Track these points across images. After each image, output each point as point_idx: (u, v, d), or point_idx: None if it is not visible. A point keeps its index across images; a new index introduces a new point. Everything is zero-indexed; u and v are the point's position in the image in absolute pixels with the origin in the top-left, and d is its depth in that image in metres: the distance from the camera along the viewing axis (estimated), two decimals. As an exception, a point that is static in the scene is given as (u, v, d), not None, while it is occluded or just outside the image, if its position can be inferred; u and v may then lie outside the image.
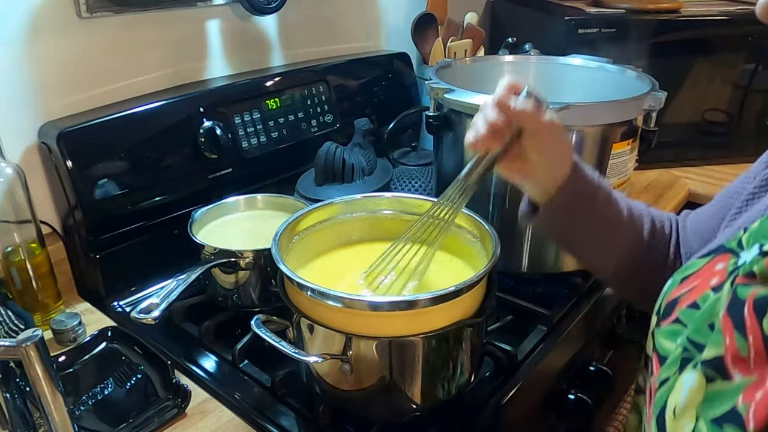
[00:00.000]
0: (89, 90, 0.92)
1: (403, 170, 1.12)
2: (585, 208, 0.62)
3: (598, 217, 0.63)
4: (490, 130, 0.57)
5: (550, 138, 0.59)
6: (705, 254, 0.51)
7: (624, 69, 0.97)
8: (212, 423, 0.68)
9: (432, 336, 0.61)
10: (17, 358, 0.48)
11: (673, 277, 0.52)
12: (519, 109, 0.56)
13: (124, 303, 0.90)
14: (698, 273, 0.49)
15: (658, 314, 0.51)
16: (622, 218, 0.63)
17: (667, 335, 0.49)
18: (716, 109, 1.36)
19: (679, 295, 0.49)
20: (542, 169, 0.61)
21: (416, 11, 1.32)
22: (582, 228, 0.64)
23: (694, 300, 0.47)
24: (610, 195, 0.63)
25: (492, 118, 0.57)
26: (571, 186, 0.61)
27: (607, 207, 0.63)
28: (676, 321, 0.48)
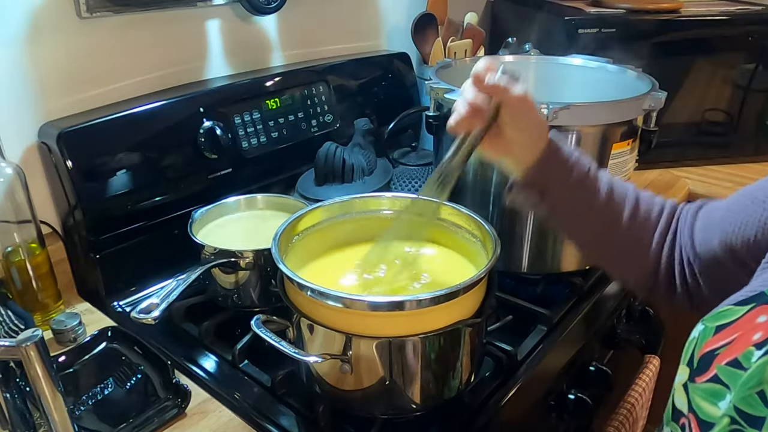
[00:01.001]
0: (89, 90, 0.92)
1: (403, 170, 1.12)
2: (557, 185, 0.64)
3: (571, 195, 0.64)
4: (470, 109, 0.59)
5: (525, 112, 0.61)
6: (742, 301, 0.48)
7: (624, 69, 0.97)
8: (212, 423, 0.68)
9: (432, 336, 0.61)
10: (17, 358, 0.48)
11: (704, 323, 0.49)
12: (493, 83, 0.58)
13: (124, 303, 0.90)
14: (737, 324, 0.46)
15: (690, 365, 0.48)
16: (598, 198, 0.64)
17: (706, 395, 0.45)
18: (716, 109, 1.36)
19: (716, 347, 0.46)
20: (519, 145, 0.63)
21: (416, 11, 1.32)
22: (555, 204, 0.65)
23: (735, 357, 0.43)
24: (587, 174, 0.64)
25: (471, 97, 0.59)
26: (544, 161, 0.63)
27: (582, 185, 0.64)
28: (716, 380, 0.44)
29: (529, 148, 0.63)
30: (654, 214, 0.65)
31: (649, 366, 0.96)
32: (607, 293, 0.94)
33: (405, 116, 1.12)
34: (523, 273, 0.93)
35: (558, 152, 0.63)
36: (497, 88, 0.58)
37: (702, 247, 0.60)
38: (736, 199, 0.59)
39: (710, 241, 0.59)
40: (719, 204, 0.62)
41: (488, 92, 0.59)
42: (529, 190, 0.65)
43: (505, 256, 0.88)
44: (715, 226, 0.59)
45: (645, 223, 0.65)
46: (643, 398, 0.92)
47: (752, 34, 1.27)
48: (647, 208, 0.65)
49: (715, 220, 0.60)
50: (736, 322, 0.46)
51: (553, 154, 0.63)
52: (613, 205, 0.64)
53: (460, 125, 0.61)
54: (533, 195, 0.65)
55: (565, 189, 0.64)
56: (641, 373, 0.95)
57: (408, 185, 1.09)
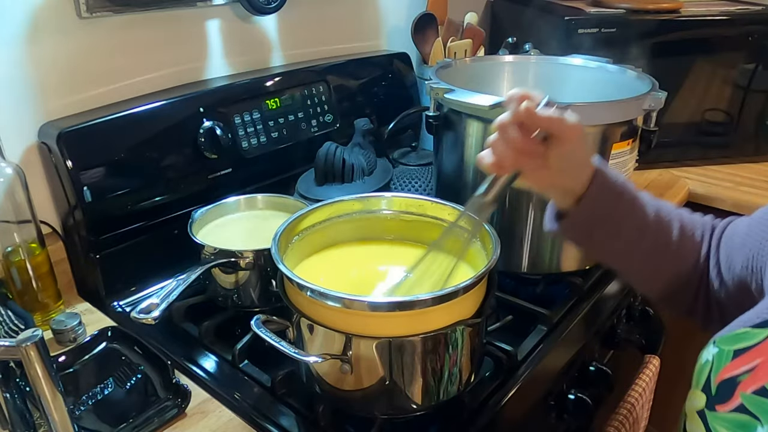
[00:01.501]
0: (89, 90, 0.92)
1: (403, 170, 1.12)
2: (608, 213, 0.59)
3: (622, 222, 0.60)
4: (517, 152, 0.53)
5: (579, 143, 0.55)
6: (759, 324, 0.45)
7: (624, 69, 0.97)
8: (212, 423, 0.68)
9: (432, 336, 0.61)
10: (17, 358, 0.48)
11: (719, 346, 0.47)
12: (548, 116, 0.52)
13: (124, 303, 0.90)
14: (759, 348, 0.44)
15: (707, 391, 0.46)
16: (648, 223, 0.60)
17: (732, 427, 0.43)
18: (716, 109, 1.36)
19: (737, 374, 0.44)
20: (566, 176, 0.58)
21: (416, 11, 1.32)
22: (606, 233, 0.60)
23: (762, 385, 0.41)
24: (635, 198, 0.60)
25: (515, 137, 0.53)
26: (595, 191, 0.58)
27: (632, 211, 0.60)
28: (742, 410, 0.42)
29: (577, 179, 0.58)
30: (698, 234, 0.62)
31: (649, 366, 0.96)
32: (607, 293, 0.94)
33: (405, 116, 1.12)
34: (523, 273, 0.93)
35: (606, 180, 0.58)
36: (553, 120, 0.52)
37: (727, 272, 0.58)
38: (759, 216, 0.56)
39: (734, 266, 0.57)
40: (740, 226, 0.59)
41: (543, 125, 0.53)
42: (579, 225, 0.60)
43: (505, 256, 0.88)
44: (737, 251, 0.57)
45: (692, 243, 0.62)
46: (643, 398, 0.92)
47: (752, 34, 1.27)
48: (692, 228, 0.62)
49: (737, 245, 0.57)
50: (758, 346, 0.44)
51: (602, 183, 0.58)
52: (662, 228, 0.61)
53: (506, 168, 0.55)
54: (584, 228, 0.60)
55: (617, 217, 0.59)
56: (641, 373, 0.95)
57: (408, 185, 1.09)
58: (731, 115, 1.36)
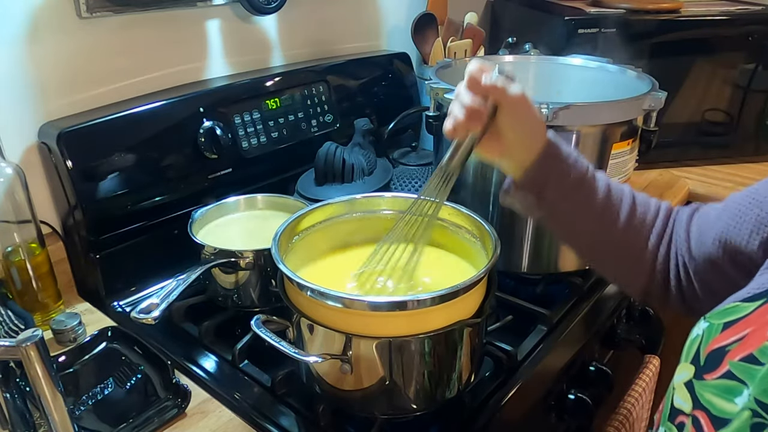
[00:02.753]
0: (89, 90, 0.92)
1: (403, 170, 1.12)
2: (556, 185, 0.63)
3: (569, 195, 0.63)
4: (468, 113, 0.58)
5: (524, 112, 0.60)
6: (749, 298, 0.47)
7: (624, 69, 0.97)
8: (212, 423, 0.68)
9: (432, 336, 0.61)
10: (17, 358, 0.48)
11: (708, 320, 0.48)
12: (491, 84, 0.57)
13: (124, 303, 0.90)
14: (747, 319, 0.45)
15: (695, 363, 0.47)
16: (596, 199, 0.63)
17: (719, 392, 0.44)
18: (716, 109, 1.36)
19: (726, 344, 0.45)
20: (518, 145, 0.62)
21: (416, 11, 1.32)
22: (552, 205, 0.64)
23: (750, 352, 0.42)
24: (585, 174, 0.63)
25: (467, 101, 0.58)
26: (543, 162, 0.62)
27: (580, 186, 0.63)
28: (729, 376, 0.43)
29: (527, 148, 0.62)
30: (650, 216, 0.65)
31: (649, 366, 0.96)
32: (607, 293, 0.94)
33: (405, 116, 1.12)
34: (523, 273, 0.93)
35: (557, 152, 0.62)
36: (495, 88, 0.58)
37: (697, 248, 0.60)
38: (733, 199, 0.58)
39: (705, 241, 0.59)
40: (714, 205, 0.62)
41: (485, 93, 0.58)
42: (526, 192, 0.64)
43: (505, 256, 0.88)
44: (710, 226, 0.59)
45: (642, 224, 0.64)
46: (643, 398, 0.92)
47: (752, 34, 1.27)
48: (644, 209, 0.65)
49: (711, 219, 0.60)
50: (746, 317, 0.45)
51: (551, 154, 0.62)
52: (610, 206, 0.63)
53: (458, 129, 0.60)
54: (529, 196, 0.64)
55: (564, 189, 0.63)
56: (641, 373, 0.95)
57: (408, 185, 1.09)
58: (731, 115, 1.36)
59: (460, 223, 0.75)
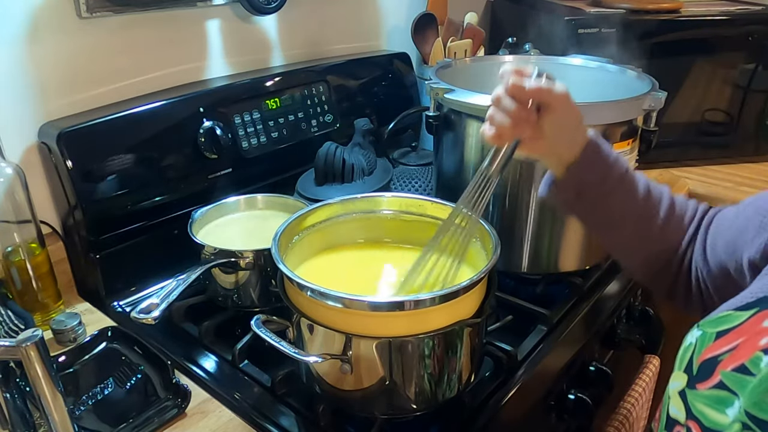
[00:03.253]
0: (89, 90, 0.92)
1: (403, 170, 1.12)
2: (597, 183, 0.62)
3: (611, 193, 0.62)
4: (515, 120, 0.57)
5: (568, 110, 0.59)
6: (743, 306, 0.47)
7: (624, 69, 0.97)
8: (212, 423, 0.68)
9: (432, 336, 0.61)
10: (17, 358, 0.48)
11: (702, 328, 0.48)
12: (537, 87, 0.57)
13: (124, 303, 0.90)
14: (740, 329, 0.45)
15: (689, 372, 0.47)
16: (636, 198, 0.62)
17: (710, 402, 0.44)
18: (716, 109, 1.36)
19: (719, 353, 0.45)
20: (560, 143, 0.61)
21: (416, 11, 1.32)
22: (592, 204, 0.63)
23: (742, 362, 0.42)
24: (626, 172, 0.63)
25: (510, 107, 0.57)
26: (586, 159, 0.61)
27: (621, 184, 0.62)
28: (721, 386, 0.43)
29: (569, 146, 0.61)
30: (687, 217, 0.64)
31: (649, 366, 0.96)
32: (607, 293, 0.94)
33: (405, 116, 1.12)
34: (523, 273, 0.93)
35: (598, 150, 0.62)
36: (541, 91, 0.57)
37: (711, 254, 0.60)
38: (746, 206, 0.58)
39: (717, 248, 0.59)
40: (730, 210, 0.61)
41: (532, 97, 0.57)
42: (567, 190, 0.63)
43: (505, 256, 0.88)
44: (723, 232, 0.59)
45: (679, 224, 0.64)
46: (643, 398, 0.92)
47: (752, 34, 1.27)
48: (681, 210, 0.64)
49: (724, 226, 0.59)
50: (739, 327, 0.45)
51: (593, 153, 0.62)
52: (649, 206, 0.63)
53: (505, 137, 0.59)
54: (570, 194, 0.64)
55: (605, 188, 0.62)
56: (641, 373, 0.95)
57: (408, 185, 1.09)
58: (731, 115, 1.36)
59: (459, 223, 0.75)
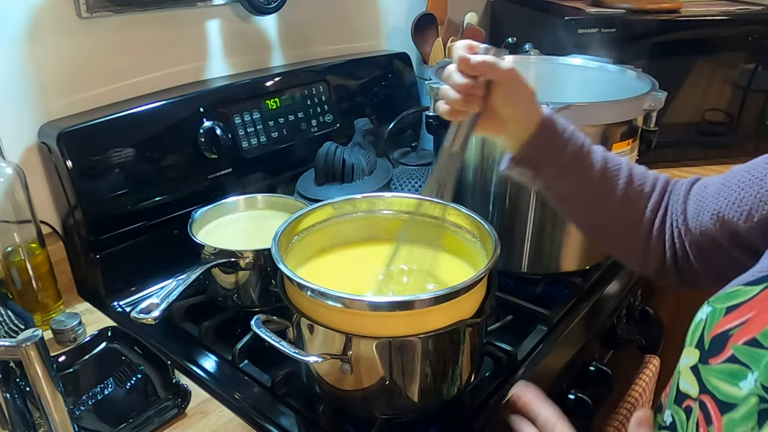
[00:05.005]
0: (89, 90, 0.92)
1: (403, 170, 1.12)
2: (551, 161, 0.63)
3: (565, 171, 0.64)
4: (463, 93, 0.58)
5: (516, 87, 0.60)
6: (752, 281, 0.47)
7: (624, 69, 0.97)
8: (212, 423, 0.68)
9: (432, 336, 0.61)
10: (17, 358, 0.48)
11: (712, 304, 0.48)
12: (482, 61, 0.57)
13: (124, 303, 0.90)
14: (750, 303, 0.45)
15: (700, 347, 0.47)
16: (592, 171, 0.63)
17: (724, 376, 0.44)
18: (716, 109, 1.36)
19: (730, 328, 0.45)
20: (513, 121, 0.62)
21: (416, 11, 1.32)
22: (549, 180, 0.64)
23: (753, 336, 0.43)
24: (581, 148, 0.63)
25: (461, 81, 0.58)
26: (538, 136, 0.62)
27: (578, 159, 0.63)
28: (734, 360, 0.44)
29: (523, 124, 0.62)
30: (647, 187, 0.65)
31: (649, 366, 0.96)
32: (607, 293, 0.94)
33: (405, 116, 1.12)
34: (523, 273, 0.93)
35: (552, 127, 0.63)
36: (486, 64, 0.58)
37: (694, 220, 0.60)
38: (733, 174, 0.58)
39: (702, 215, 0.59)
40: (714, 179, 0.61)
41: (478, 72, 0.58)
42: (523, 167, 0.65)
43: (505, 256, 0.88)
44: (708, 200, 0.59)
45: (639, 195, 0.65)
46: (643, 398, 0.92)
47: (752, 34, 1.27)
48: (641, 181, 0.65)
49: (710, 193, 0.59)
50: (750, 301, 0.45)
51: (546, 130, 0.62)
52: (607, 178, 0.64)
53: (456, 111, 0.60)
54: (527, 170, 0.65)
55: (560, 164, 0.63)
56: (641, 373, 0.95)
57: (408, 185, 1.09)
58: (731, 115, 1.36)
59: (460, 223, 0.75)
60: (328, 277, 0.72)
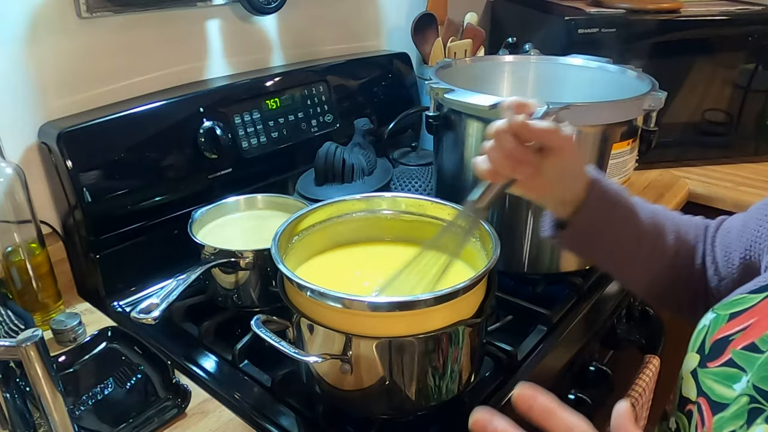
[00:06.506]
0: (89, 90, 0.92)
1: (403, 170, 1.12)
2: (607, 223, 0.60)
3: (621, 231, 0.61)
4: (515, 161, 0.53)
5: (573, 155, 0.56)
6: (756, 290, 0.48)
7: (624, 69, 0.97)
8: (212, 423, 0.68)
9: (432, 336, 0.60)
10: (17, 358, 0.48)
11: (716, 312, 0.49)
12: (543, 128, 0.53)
13: (124, 303, 0.90)
14: (753, 310, 0.46)
15: (701, 352, 0.48)
16: (645, 230, 0.61)
17: (719, 378, 0.45)
18: (716, 109, 1.36)
19: (731, 333, 0.46)
20: (561, 186, 0.59)
21: (416, 11, 1.32)
22: (606, 243, 0.62)
23: (752, 341, 0.44)
24: (631, 206, 0.61)
25: (510, 146, 0.53)
26: (592, 202, 0.59)
27: (629, 219, 0.61)
28: (730, 363, 0.45)
29: (570, 188, 0.59)
30: (692, 235, 0.64)
31: (649, 366, 0.96)
32: (607, 293, 0.94)
33: (405, 116, 1.12)
34: (523, 273, 0.93)
35: (603, 188, 0.59)
36: (548, 132, 0.53)
37: (725, 268, 0.59)
38: (754, 212, 0.57)
39: (731, 260, 0.58)
40: (735, 220, 0.60)
41: (538, 138, 0.53)
42: (580, 233, 0.61)
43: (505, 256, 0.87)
44: (734, 244, 0.58)
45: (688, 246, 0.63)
46: (643, 398, 0.92)
47: (752, 34, 1.27)
48: (686, 230, 0.64)
49: (734, 236, 0.59)
50: (752, 309, 0.46)
51: (599, 191, 0.59)
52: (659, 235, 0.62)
53: (500, 176, 0.54)
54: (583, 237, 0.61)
55: (616, 225, 0.60)
56: (641, 373, 0.95)
57: (408, 185, 1.09)
58: (731, 115, 1.36)
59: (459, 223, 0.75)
60: (328, 277, 0.72)
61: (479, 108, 0.81)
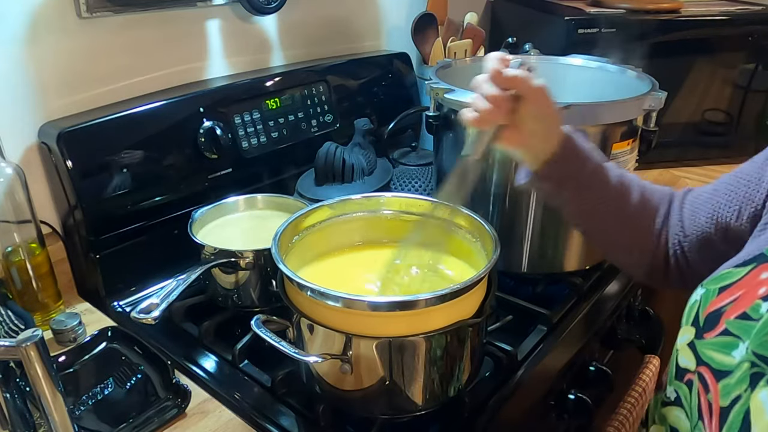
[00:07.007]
0: (89, 90, 0.92)
1: (403, 170, 1.12)
2: (573, 176, 0.65)
3: (588, 185, 0.65)
4: (492, 104, 0.59)
5: (545, 103, 0.61)
6: (742, 263, 0.51)
7: (624, 69, 0.97)
8: (212, 423, 0.68)
9: (432, 336, 0.61)
10: (17, 358, 0.48)
11: (705, 287, 0.53)
12: (514, 75, 0.58)
13: (124, 303, 0.90)
14: (740, 283, 0.50)
15: (696, 325, 0.51)
16: (609, 187, 0.65)
17: (718, 348, 0.48)
18: (716, 109, 1.36)
19: (722, 305, 0.49)
20: (537, 136, 0.63)
21: (416, 11, 1.32)
22: (570, 194, 0.66)
23: (744, 311, 0.47)
24: (599, 165, 0.65)
25: (490, 92, 0.59)
26: (562, 154, 0.63)
27: (595, 176, 0.65)
28: (726, 333, 0.48)
29: (546, 140, 0.63)
30: (656, 199, 0.68)
31: (649, 366, 0.96)
32: (607, 293, 0.94)
33: (405, 116, 1.12)
34: (523, 273, 0.93)
35: (575, 145, 0.64)
36: (518, 79, 0.58)
37: (691, 225, 0.64)
38: (723, 180, 0.63)
39: (698, 219, 0.63)
40: (706, 187, 0.65)
41: (508, 84, 0.59)
42: (546, 182, 0.66)
43: (505, 256, 0.88)
44: (703, 205, 0.63)
45: (650, 206, 0.67)
46: (643, 398, 0.92)
47: (752, 34, 1.27)
48: (651, 194, 0.68)
49: (703, 200, 0.64)
50: (739, 281, 0.50)
51: (570, 147, 0.64)
52: (623, 193, 0.66)
53: (484, 120, 0.60)
54: (550, 186, 0.66)
55: (582, 179, 0.65)
56: (641, 373, 0.95)
57: (408, 185, 1.09)
58: (731, 115, 1.36)
59: (460, 223, 0.75)
60: (327, 276, 0.72)
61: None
